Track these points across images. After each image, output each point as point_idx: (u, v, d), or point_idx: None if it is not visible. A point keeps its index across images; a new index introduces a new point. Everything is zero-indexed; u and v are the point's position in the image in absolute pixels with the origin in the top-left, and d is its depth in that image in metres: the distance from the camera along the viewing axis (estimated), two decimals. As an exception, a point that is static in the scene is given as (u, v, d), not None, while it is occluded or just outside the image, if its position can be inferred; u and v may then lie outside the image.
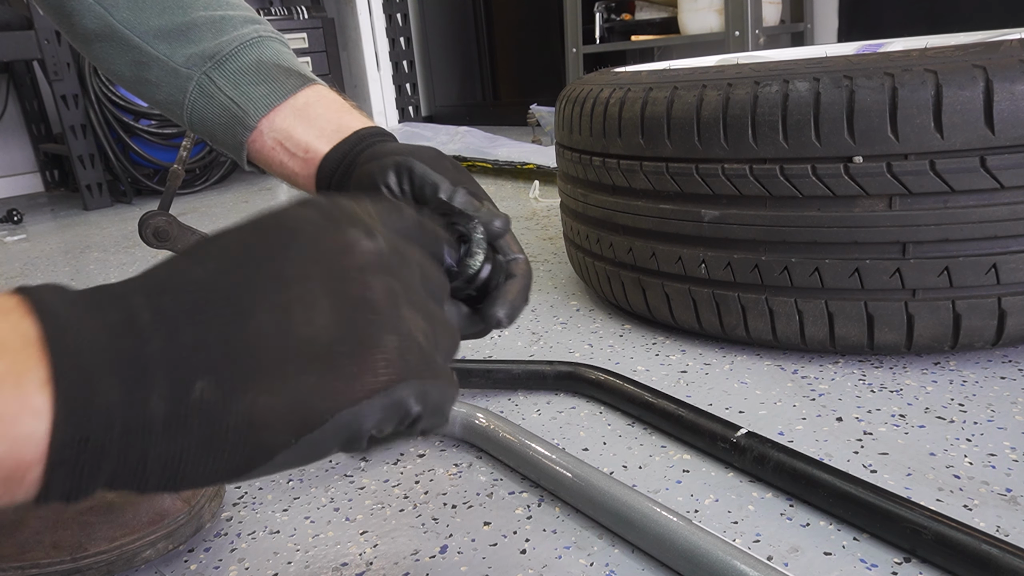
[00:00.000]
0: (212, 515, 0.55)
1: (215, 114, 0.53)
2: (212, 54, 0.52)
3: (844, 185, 0.65)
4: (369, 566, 0.51)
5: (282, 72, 0.53)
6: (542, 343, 0.88)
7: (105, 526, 0.51)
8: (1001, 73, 0.60)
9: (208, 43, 0.52)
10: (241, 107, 0.52)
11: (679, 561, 0.46)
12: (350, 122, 0.51)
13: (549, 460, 0.56)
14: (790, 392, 0.69)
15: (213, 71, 0.52)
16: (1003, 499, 0.51)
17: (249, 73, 0.52)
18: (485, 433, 0.62)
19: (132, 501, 0.52)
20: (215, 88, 0.53)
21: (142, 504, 0.52)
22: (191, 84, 0.53)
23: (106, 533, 0.51)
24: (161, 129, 2.33)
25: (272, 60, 0.53)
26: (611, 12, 2.65)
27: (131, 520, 0.51)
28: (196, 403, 0.23)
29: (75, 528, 0.50)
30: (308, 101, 0.52)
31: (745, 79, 0.69)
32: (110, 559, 0.51)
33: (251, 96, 0.52)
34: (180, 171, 0.75)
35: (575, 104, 0.88)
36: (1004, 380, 0.67)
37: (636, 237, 0.81)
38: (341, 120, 0.51)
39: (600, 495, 0.52)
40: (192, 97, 0.53)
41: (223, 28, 0.53)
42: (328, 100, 0.53)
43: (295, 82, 0.52)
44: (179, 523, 0.53)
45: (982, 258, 0.64)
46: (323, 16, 2.74)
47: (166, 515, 0.52)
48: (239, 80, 0.52)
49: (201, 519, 0.54)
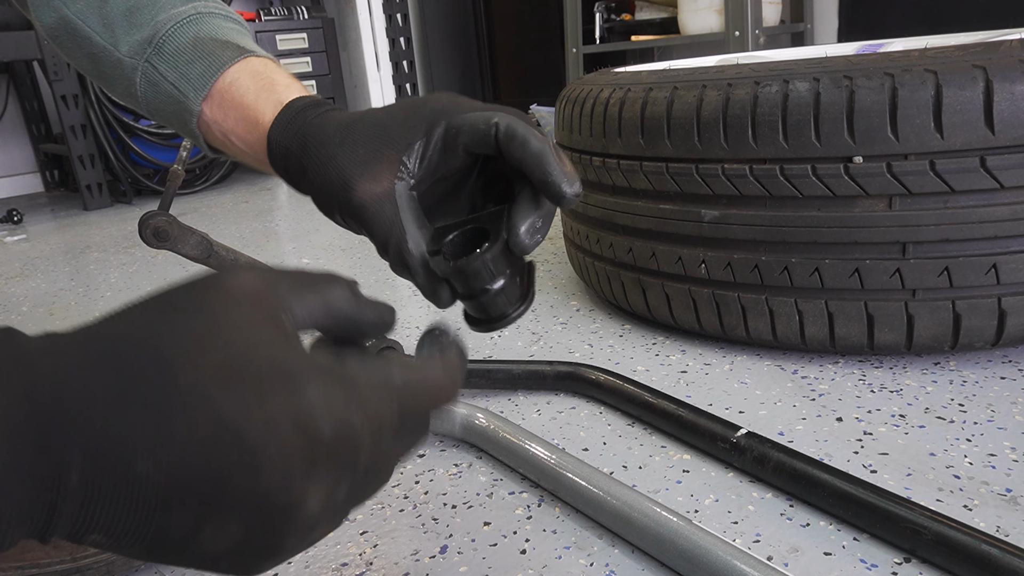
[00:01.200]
0: None
1: (164, 103, 0.49)
2: (150, 38, 0.48)
3: (844, 185, 0.65)
4: (369, 566, 0.51)
5: (219, 45, 0.47)
6: (542, 343, 0.88)
7: None
8: (1001, 73, 0.60)
9: (147, 27, 0.48)
10: (182, 91, 0.48)
11: (679, 561, 0.46)
12: (285, 94, 0.46)
13: (549, 460, 0.56)
14: (790, 392, 0.69)
15: (154, 57, 0.48)
16: (1003, 499, 0.51)
17: (187, 52, 0.47)
18: (485, 433, 0.62)
19: None
20: (159, 75, 0.48)
21: None
22: (137, 75, 0.49)
23: None
24: (161, 129, 2.33)
25: (209, 35, 0.48)
26: (611, 12, 2.65)
27: None
28: (91, 540, 0.23)
29: None
30: (236, 77, 0.47)
31: (745, 79, 0.69)
32: (110, 559, 0.51)
33: (189, 76, 0.47)
34: (180, 171, 0.75)
35: (575, 104, 0.88)
36: (1004, 380, 0.67)
37: (636, 237, 0.81)
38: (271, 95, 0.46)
39: (600, 495, 0.52)
40: (142, 89, 0.49)
41: (161, 7, 0.49)
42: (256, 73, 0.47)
43: (231, 53, 0.47)
44: None
45: (982, 258, 0.64)
46: (323, 16, 2.74)
47: None
48: (178, 61, 0.48)
49: None
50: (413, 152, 0.40)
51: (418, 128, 0.40)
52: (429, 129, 0.40)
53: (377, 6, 3.13)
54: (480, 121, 0.39)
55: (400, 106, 0.42)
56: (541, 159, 0.37)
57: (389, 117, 0.41)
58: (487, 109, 0.40)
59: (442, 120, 0.40)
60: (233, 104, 0.46)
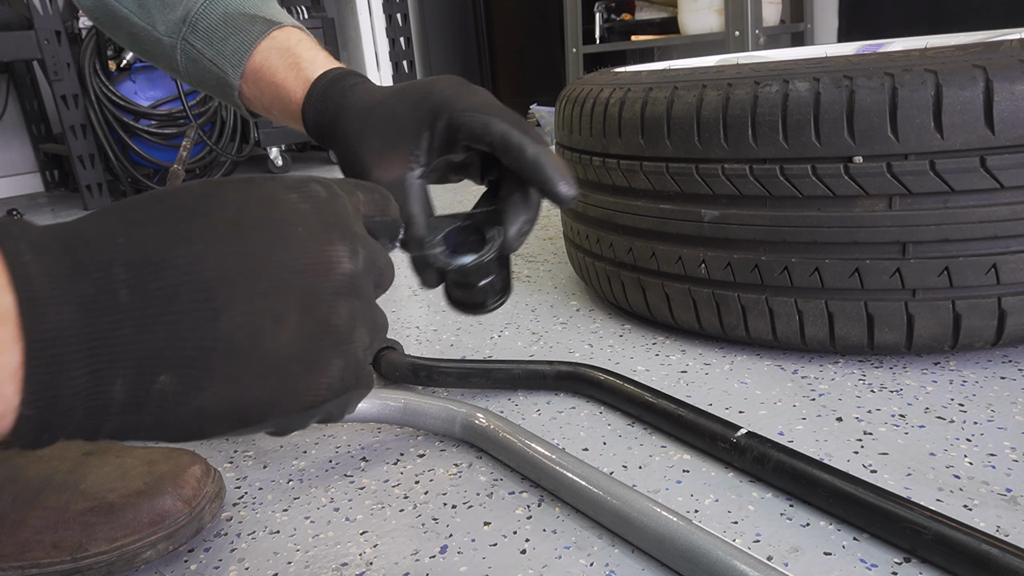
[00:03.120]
0: (212, 516, 0.55)
1: (207, 78, 0.53)
2: (184, 17, 0.51)
3: (844, 185, 0.65)
4: (369, 566, 0.51)
5: (247, 20, 0.51)
6: (542, 343, 0.88)
7: (106, 526, 0.51)
8: (1001, 73, 0.60)
9: (180, 7, 0.52)
10: (220, 67, 0.51)
11: (679, 561, 0.46)
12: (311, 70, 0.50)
13: (549, 460, 0.56)
14: (790, 392, 0.69)
15: (190, 35, 0.52)
16: (1003, 499, 0.51)
17: (219, 29, 0.51)
18: (485, 433, 0.62)
19: (133, 502, 0.52)
20: (197, 52, 0.52)
21: (143, 505, 0.52)
22: (177, 53, 0.52)
23: (107, 533, 0.51)
24: (161, 129, 2.33)
25: (237, 9, 0.52)
26: (611, 12, 2.66)
27: (132, 521, 0.51)
28: (156, 393, 0.24)
29: (76, 528, 0.50)
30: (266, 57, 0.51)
31: (745, 79, 0.69)
32: (110, 559, 0.51)
33: (224, 53, 0.51)
34: (180, 171, 0.75)
35: (575, 104, 0.88)
36: (1004, 380, 0.67)
37: (636, 237, 0.81)
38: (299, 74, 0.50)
39: (600, 495, 0.52)
40: (183, 65, 0.53)
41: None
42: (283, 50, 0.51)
43: (260, 28, 0.51)
44: (180, 524, 0.53)
45: (982, 258, 0.64)
46: (323, 16, 2.74)
47: (167, 516, 0.52)
48: (212, 39, 0.51)
49: (202, 520, 0.54)
50: (422, 142, 0.43)
51: (424, 120, 0.43)
52: (433, 121, 0.43)
53: (377, 6, 3.13)
54: (477, 126, 0.41)
55: (409, 94, 0.45)
56: (537, 167, 0.40)
57: (401, 105, 0.45)
58: (486, 109, 0.42)
59: (445, 114, 0.42)
60: (266, 83, 0.51)
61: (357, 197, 0.32)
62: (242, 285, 0.25)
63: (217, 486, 0.57)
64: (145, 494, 0.53)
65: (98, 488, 0.53)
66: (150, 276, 0.24)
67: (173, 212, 0.26)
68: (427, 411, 0.66)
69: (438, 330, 0.96)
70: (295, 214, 0.28)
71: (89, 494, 0.52)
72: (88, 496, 0.52)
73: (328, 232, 0.28)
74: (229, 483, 0.63)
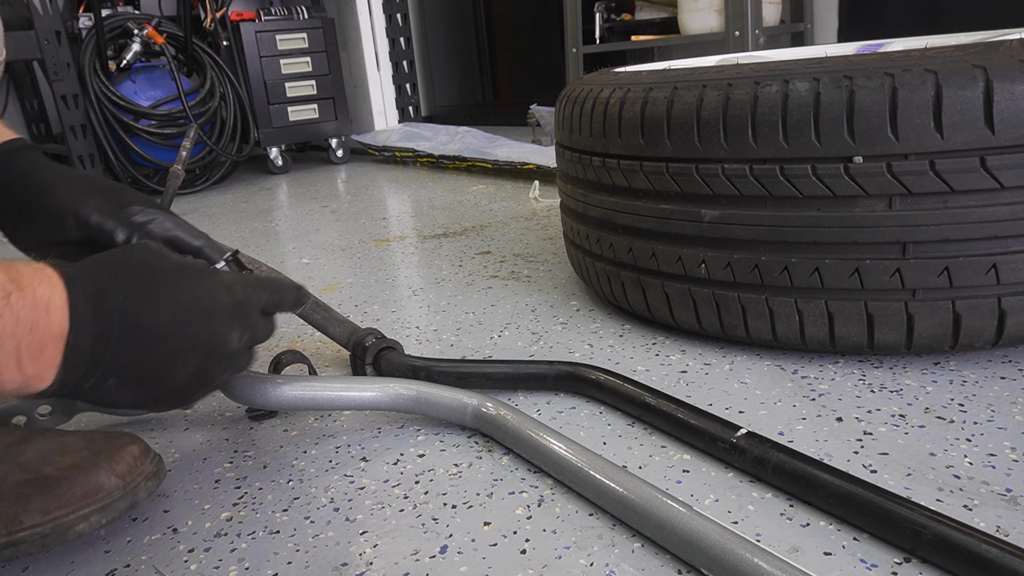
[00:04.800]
0: (148, 493, 0.57)
1: None
2: None
3: (844, 185, 0.65)
4: (369, 566, 0.51)
5: None
6: (542, 343, 0.88)
7: (40, 499, 0.52)
8: (1001, 73, 0.60)
9: None
10: None
11: (681, 546, 0.47)
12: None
13: (558, 447, 0.57)
14: (790, 392, 0.69)
15: None
16: (1003, 499, 0.51)
17: None
18: (495, 421, 0.64)
19: (68, 475, 0.53)
20: None
21: (77, 478, 0.53)
22: None
23: (41, 505, 0.51)
24: (161, 129, 2.33)
25: None
26: (611, 12, 2.66)
27: (65, 493, 0.52)
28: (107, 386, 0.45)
29: (11, 500, 0.51)
30: None
31: (745, 79, 0.69)
32: (44, 532, 0.51)
33: None
34: (180, 171, 0.75)
35: (575, 104, 0.88)
36: (1004, 380, 0.67)
37: (636, 237, 0.81)
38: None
39: (610, 485, 0.52)
40: None
41: None
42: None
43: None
44: (113, 498, 0.54)
45: (982, 258, 0.64)
46: (323, 16, 2.74)
47: (100, 490, 0.53)
48: None
49: (136, 496, 0.55)
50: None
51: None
52: None
53: (377, 6, 3.13)
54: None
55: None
56: None
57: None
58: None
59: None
60: None
61: (263, 297, 0.55)
62: (169, 344, 0.47)
63: (156, 467, 0.58)
64: (80, 468, 0.54)
65: (36, 461, 0.54)
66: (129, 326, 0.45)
67: (157, 283, 0.47)
68: (439, 400, 0.67)
69: (438, 330, 0.96)
70: (220, 308, 0.50)
71: (27, 466, 0.53)
72: (25, 468, 0.53)
73: (232, 321, 0.51)
74: (229, 483, 0.63)
